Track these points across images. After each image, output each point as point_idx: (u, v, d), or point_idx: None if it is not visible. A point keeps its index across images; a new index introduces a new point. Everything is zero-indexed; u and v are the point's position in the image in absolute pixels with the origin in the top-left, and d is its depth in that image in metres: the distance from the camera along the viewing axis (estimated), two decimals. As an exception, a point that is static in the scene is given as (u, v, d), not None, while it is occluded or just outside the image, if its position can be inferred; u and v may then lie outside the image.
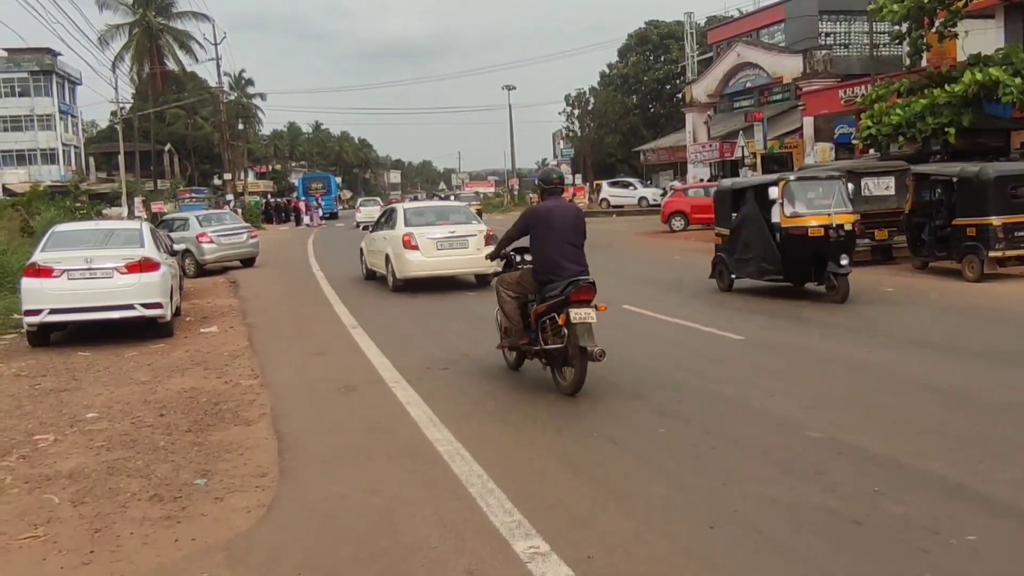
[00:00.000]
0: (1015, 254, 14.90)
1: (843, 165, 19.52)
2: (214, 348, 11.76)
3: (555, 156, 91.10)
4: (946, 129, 20.85)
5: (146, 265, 12.30)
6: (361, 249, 20.08)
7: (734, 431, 6.66)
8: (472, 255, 16.17)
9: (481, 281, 16.74)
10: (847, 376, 8.41)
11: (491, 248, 10.51)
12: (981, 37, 24.90)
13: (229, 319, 14.59)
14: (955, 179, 15.62)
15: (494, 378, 9.01)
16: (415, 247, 16.27)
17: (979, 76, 20.47)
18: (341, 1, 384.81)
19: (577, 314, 7.73)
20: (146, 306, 12.23)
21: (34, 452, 7.11)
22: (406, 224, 16.80)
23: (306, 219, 51.52)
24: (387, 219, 18.37)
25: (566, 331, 7.80)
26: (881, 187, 18.31)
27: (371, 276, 18.99)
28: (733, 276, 15.10)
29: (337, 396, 8.57)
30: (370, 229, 19.77)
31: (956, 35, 23.22)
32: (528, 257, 8.67)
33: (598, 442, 6.56)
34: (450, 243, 16.43)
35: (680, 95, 63.33)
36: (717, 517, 4.97)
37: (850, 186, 14.67)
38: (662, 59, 70.42)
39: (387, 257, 17.17)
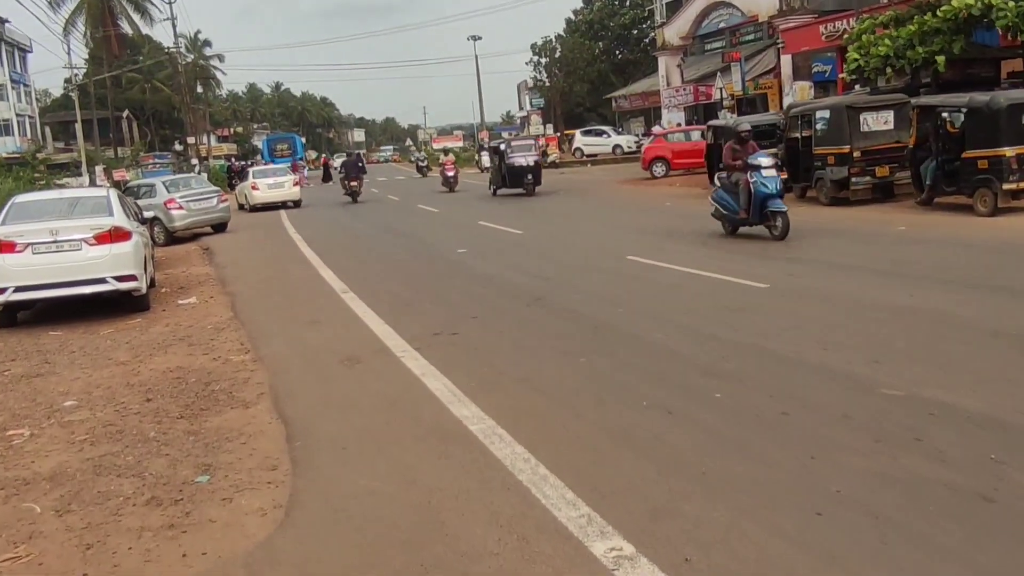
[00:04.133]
0: (1030, 185, 14.26)
1: (842, 100, 18.76)
2: (196, 321, 10.90)
3: (520, 107, 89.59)
4: (936, 58, 20.20)
5: (117, 235, 11.36)
6: (235, 193, 34.23)
7: (800, 392, 5.95)
8: (287, 191, 30.86)
9: (295, 205, 30.69)
10: (899, 323, 7.72)
11: (299, 187, 32.22)
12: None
13: (208, 288, 13.70)
14: (964, 109, 14.93)
15: (511, 342, 8.25)
16: (257, 188, 30.75)
17: (970, 0, 19.76)
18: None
19: (351, 182, 31.08)
20: (119, 279, 11.31)
21: (8, 450, 6.27)
22: (253, 177, 31.88)
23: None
24: (243, 175, 34.91)
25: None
26: (880, 121, 17.55)
27: (241, 207, 31.22)
28: (496, 188, 29.16)
29: (342, 370, 7.78)
30: (237, 182, 37.14)
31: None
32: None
33: (649, 411, 5.82)
34: (276, 185, 30.86)
35: (649, 39, 62.26)
36: (821, 500, 4.25)
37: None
38: (627, 3, 69.00)
39: (245, 195, 31.62)
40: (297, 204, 30.79)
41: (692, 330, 8.03)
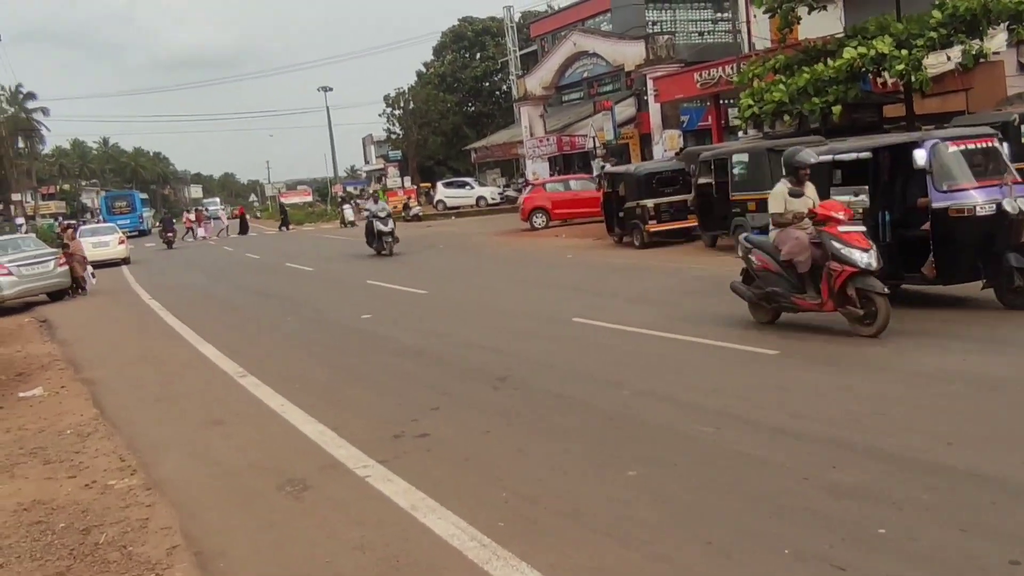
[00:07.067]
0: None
1: (762, 143, 17.76)
2: (48, 422, 8.31)
3: (366, 161, 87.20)
4: (832, 107, 19.75)
5: (-63, 314, 8.68)
6: None
7: (994, 521, 4.20)
8: (113, 249, 30.54)
9: (124, 262, 30.39)
10: (998, 402, 6.17)
11: (125, 244, 31.18)
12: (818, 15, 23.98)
13: (56, 375, 10.92)
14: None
15: (509, 447, 6.17)
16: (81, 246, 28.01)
17: (863, 50, 19.43)
18: (131, 13, 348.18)
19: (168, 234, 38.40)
20: (-59, 371, 8.62)
21: None
22: (79, 236, 29.21)
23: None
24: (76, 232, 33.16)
25: None
26: (801, 165, 16.58)
27: None
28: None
29: (286, 501, 5.52)
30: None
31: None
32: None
33: (807, 567, 3.92)
34: (100, 244, 30.24)
35: (502, 90, 61.78)
36: None
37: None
38: (479, 56, 68.51)
39: None
40: (126, 262, 30.94)
41: (745, 421, 6.20)
